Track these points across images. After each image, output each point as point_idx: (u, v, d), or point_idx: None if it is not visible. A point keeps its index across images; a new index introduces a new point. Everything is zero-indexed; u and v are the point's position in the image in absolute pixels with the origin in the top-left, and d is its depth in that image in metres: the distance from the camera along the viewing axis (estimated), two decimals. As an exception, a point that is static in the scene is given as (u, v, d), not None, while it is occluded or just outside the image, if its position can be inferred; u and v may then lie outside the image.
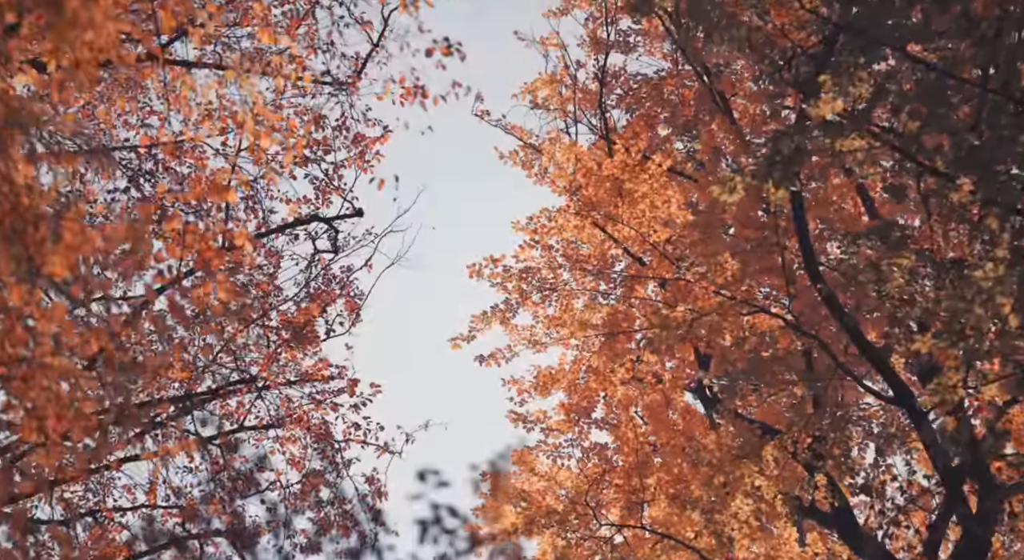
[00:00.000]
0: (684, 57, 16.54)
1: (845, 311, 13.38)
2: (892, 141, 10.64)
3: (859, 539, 14.96)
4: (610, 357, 17.15)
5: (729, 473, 14.67)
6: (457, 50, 9.58)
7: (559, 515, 16.46)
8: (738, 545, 15.47)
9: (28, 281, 6.31)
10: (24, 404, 6.27)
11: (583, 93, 19.50)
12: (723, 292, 14.83)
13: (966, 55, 9.57)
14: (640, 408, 18.12)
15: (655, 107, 18.07)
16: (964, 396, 10.35)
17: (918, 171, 10.68)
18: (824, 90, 9.75)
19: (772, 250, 14.65)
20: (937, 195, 10.77)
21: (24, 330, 6.30)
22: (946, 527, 13.73)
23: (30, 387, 6.23)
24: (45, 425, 6.23)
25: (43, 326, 6.33)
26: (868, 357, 13.47)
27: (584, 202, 15.30)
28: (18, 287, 6.25)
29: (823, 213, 14.94)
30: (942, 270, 10.93)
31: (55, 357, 6.27)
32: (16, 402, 6.33)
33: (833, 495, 14.93)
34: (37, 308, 6.35)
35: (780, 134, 10.40)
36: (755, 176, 10.66)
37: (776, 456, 14.62)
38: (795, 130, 10.39)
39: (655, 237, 15.35)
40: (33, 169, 6.51)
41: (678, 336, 14.65)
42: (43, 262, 6.27)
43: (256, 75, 8.32)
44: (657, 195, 15.28)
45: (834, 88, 9.76)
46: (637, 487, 16.69)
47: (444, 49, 9.57)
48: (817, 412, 14.26)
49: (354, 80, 16.44)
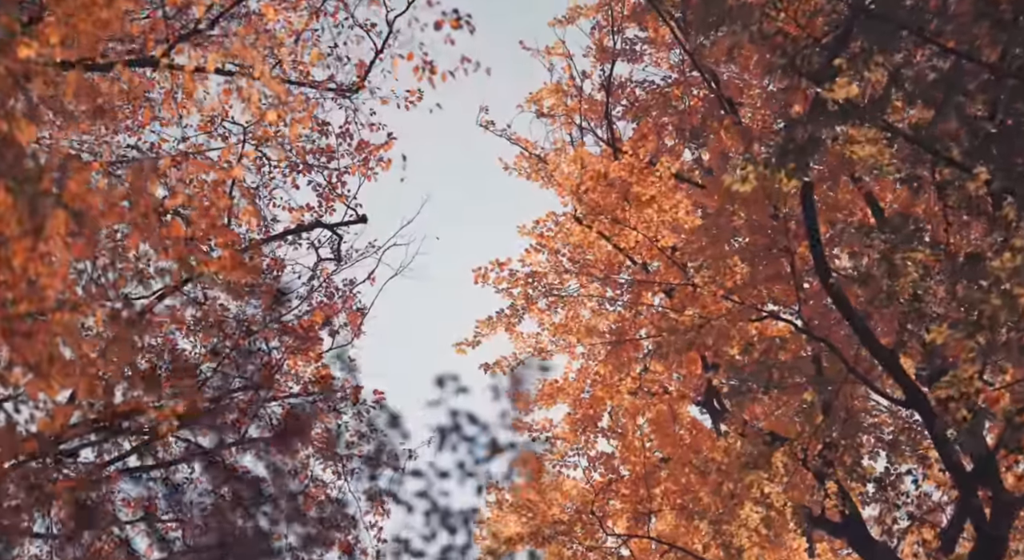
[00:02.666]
0: (692, 62, 16.45)
1: (856, 312, 13.21)
2: (906, 131, 10.53)
3: (870, 547, 14.73)
4: (616, 366, 16.96)
5: (738, 480, 14.45)
6: (467, 23, 9.45)
7: (565, 525, 16.22)
8: (747, 555, 15.22)
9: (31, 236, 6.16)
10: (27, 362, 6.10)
11: (588, 104, 19.40)
12: (731, 298, 14.68)
13: (984, 40, 9.44)
14: (646, 419, 17.90)
15: (662, 116, 17.96)
16: (980, 389, 10.16)
17: (933, 162, 10.53)
18: (839, 74, 9.62)
19: (781, 256, 14.52)
20: (952, 186, 10.63)
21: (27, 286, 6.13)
22: (960, 531, 13.51)
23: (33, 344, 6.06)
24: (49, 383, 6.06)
25: (47, 282, 6.17)
26: (879, 359, 13.29)
27: (591, 206, 15.15)
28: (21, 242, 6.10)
29: (833, 218, 14.78)
30: (956, 264, 10.77)
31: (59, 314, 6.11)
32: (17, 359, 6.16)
33: (843, 503, 14.71)
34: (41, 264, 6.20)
35: (793, 122, 10.27)
36: (767, 165, 10.53)
37: (786, 463, 14.40)
38: (808, 119, 10.26)
39: (663, 242, 15.19)
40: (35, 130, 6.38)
41: (686, 341, 14.48)
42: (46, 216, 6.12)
43: (263, 47, 8.20)
44: (665, 199, 15.14)
45: (849, 72, 9.64)
46: (644, 497, 16.45)
47: (453, 22, 9.44)
48: (827, 419, 14.05)
49: (359, 85, 16.33)
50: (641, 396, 17.34)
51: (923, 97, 9.89)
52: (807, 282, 15.18)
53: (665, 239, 15.39)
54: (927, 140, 10.28)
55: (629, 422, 17.26)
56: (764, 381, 13.49)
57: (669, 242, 15.52)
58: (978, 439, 10.59)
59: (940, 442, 12.86)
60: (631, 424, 17.27)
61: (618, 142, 18.29)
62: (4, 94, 6.42)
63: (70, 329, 6.17)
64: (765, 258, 14.63)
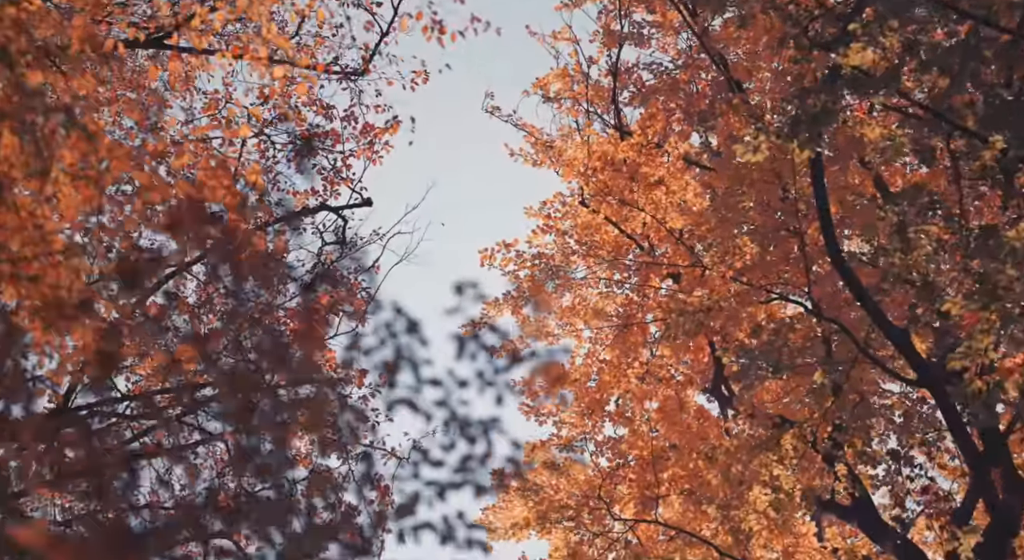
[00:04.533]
0: (700, 45, 16.33)
1: (867, 291, 13.08)
2: (921, 101, 10.42)
3: (880, 529, 14.59)
4: (623, 350, 16.83)
5: (746, 462, 14.30)
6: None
7: (572, 510, 16.09)
8: (756, 538, 15.08)
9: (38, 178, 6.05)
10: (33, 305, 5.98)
11: (595, 90, 19.27)
12: (740, 279, 14.56)
13: (1001, 4, 9.33)
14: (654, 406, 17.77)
15: (670, 101, 17.82)
16: (995, 360, 10.03)
17: (948, 131, 10.42)
18: (854, 40, 9.51)
19: (790, 237, 14.40)
20: (967, 157, 10.52)
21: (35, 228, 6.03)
22: (972, 511, 13.39)
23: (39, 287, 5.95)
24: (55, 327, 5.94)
25: (54, 226, 6.06)
26: (891, 338, 13.16)
27: (599, 188, 15.03)
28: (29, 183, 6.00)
29: (842, 197, 14.64)
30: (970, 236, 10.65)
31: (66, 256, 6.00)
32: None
33: (853, 486, 14.57)
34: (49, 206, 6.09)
35: (806, 91, 10.15)
36: (780, 135, 10.42)
37: (795, 445, 14.26)
38: (822, 88, 10.14)
39: (671, 224, 15.07)
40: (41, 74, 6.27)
41: (695, 322, 14.36)
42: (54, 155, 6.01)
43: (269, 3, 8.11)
44: (674, 179, 15.02)
45: (864, 38, 9.53)
46: (651, 482, 16.31)
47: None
48: (837, 400, 13.91)
49: (364, 67, 16.22)
50: (648, 381, 17.21)
51: (938, 64, 9.77)
52: (817, 264, 15.04)
53: (673, 221, 15.26)
54: (941, 110, 10.17)
55: (636, 406, 17.12)
56: (774, 361, 13.35)
57: (677, 224, 15.40)
58: (992, 412, 10.45)
59: (952, 421, 12.74)
60: (638, 409, 17.14)
61: (625, 128, 18.17)
62: (11, 39, 6.32)
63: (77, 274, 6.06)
64: (775, 239, 14.51)
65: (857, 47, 9.47)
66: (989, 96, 9.77)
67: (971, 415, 10.58)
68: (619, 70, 18.60)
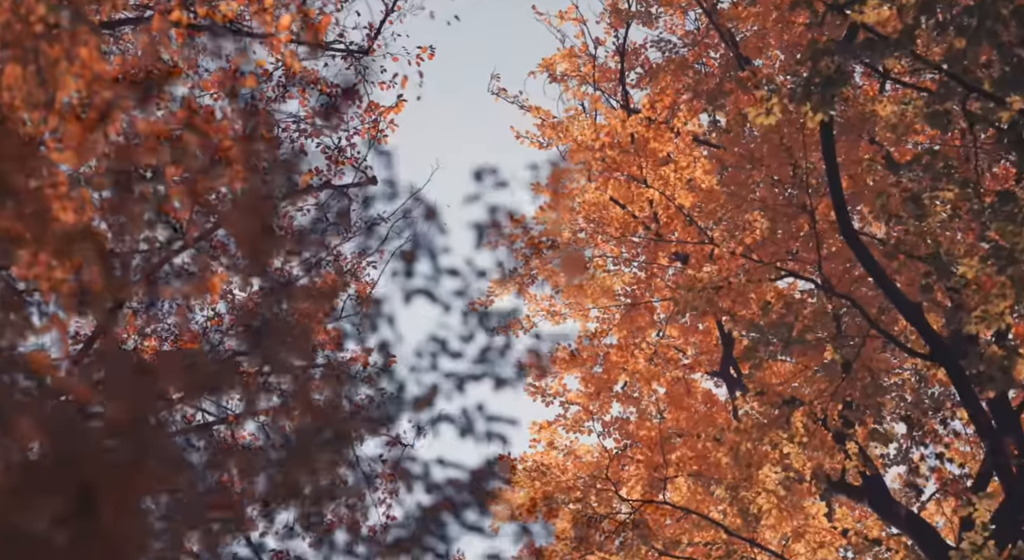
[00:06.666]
0: (709, 21, 16.19)
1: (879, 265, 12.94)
2: (935, 62, 10.25)
3: (890, 509, 14.44)
4: (631, 331, 16.67)
5: (756, 440, 14.13)
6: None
7: (580, 491, 15.92)
8: (765, 517, 14.91)
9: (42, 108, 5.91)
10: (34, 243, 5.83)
11: (602, 72, 19.14)
12: (750, 256, 14.41)
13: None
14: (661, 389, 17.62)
15: (678, 80, 17.67)
16: (1011, 324, 9.87)
17: (964, 94, 10.24)
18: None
19: (800, 213, 14.25)
20: (983, 120, 10.36)
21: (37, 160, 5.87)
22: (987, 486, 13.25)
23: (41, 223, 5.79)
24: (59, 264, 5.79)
25: (58, 158, 5.91)
26: (904, 312, 13.02)
27: (607, 164, 14.86)
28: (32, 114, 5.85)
29: (852, 172, 14.50)
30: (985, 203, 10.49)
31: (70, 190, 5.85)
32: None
33: (864, 464, 14.41)
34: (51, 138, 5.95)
35: (819, 53, 9.99)
36: (793, 97, 10.26)
37: (805, 423, 14.10)
38: (837, 48, 9.98)
39: (680, 200, 14.91)
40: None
41: (704, 299, 14.20)
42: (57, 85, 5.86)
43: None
44: (682, 156, 14.86)
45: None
46: (659, 463, 16.15)
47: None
48: (848, 377, 13.76)
49: (369, 44, 16.09)
50: (656, 362, 17.06)
51: (955, 24, 9.61)
52: (827, 242, 14.88)
53: (682, 198, 15.10)
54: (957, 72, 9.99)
55: (644, 388, 16.96)
56: (785, 335, 13.18)
57: (686, 202, 15.24)
58: (1008, 377, 10.29)
59: (966, 394, 12.59)
60: (646, 390, 16.98)
61: (633, 109, 18.02)
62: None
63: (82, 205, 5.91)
64: (785, 215, 14.36)
65: (874, 2, 9.32)
66: (1007, 56, 9.60)
67: (988, 379, 10.39)
68: (626, 50, 18.46)
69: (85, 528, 3.15)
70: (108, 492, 3.24)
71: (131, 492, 3.35)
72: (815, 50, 9.84)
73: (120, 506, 3.23)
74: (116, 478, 3.33)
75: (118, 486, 3.30)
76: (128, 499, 3.32)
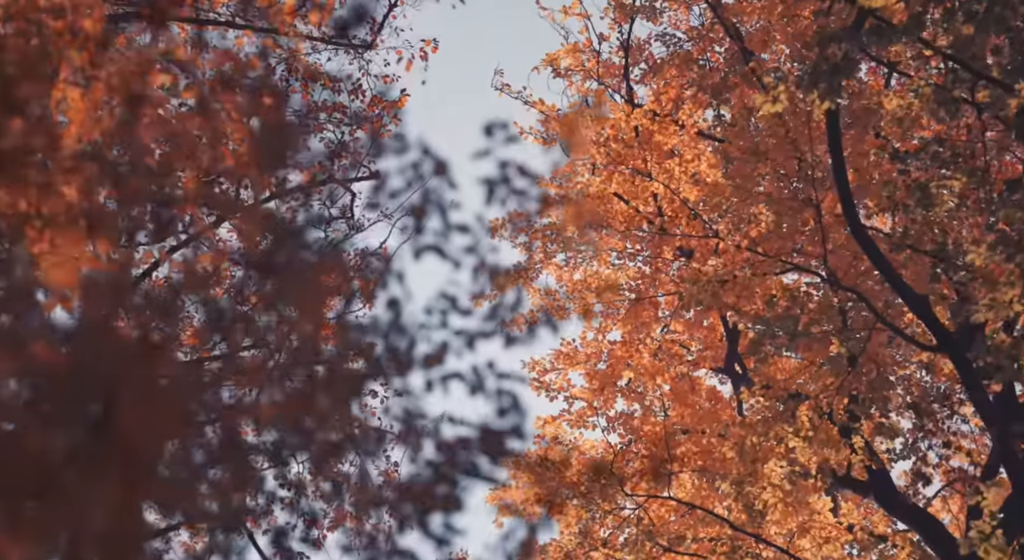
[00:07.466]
0: (714, 14, 16.14)
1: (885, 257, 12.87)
2: (944, 49, 10.19)
3: (895, 501, 14.38)
4: (636, 326, 16.62)
5: (761, 433, 14.07)
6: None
7: (584, 486, 15.84)
8: (770, 513, 14.85)
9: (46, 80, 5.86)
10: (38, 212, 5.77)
11: (606, 68, 19.10)
12: (755, 250, 14.35)
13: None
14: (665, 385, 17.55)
15: (682, 75, 17.62)
16: (1020, 312, 9.80)
17: (972, 81, 10.19)
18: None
19: (806, 206, 14.19)
20: (992, 108, 10.30)
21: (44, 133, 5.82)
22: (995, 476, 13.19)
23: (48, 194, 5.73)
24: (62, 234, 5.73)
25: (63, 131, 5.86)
26: (910, 304, 12.95)
27: (611, 158, 14.81)
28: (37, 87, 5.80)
29: (858, 165, 14.43)
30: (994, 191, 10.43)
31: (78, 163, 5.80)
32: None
33: (870, 458, 14.35)
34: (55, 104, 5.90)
35: (827, 39, 9.93)
36: (800, 84, 10.21)
37: (811, 417, 14.04)
38: (844, 35, 9.93)
39: (685, 194, 14.85)
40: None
41: (709, 292, 14.14)
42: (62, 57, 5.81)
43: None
44: (687, 149, 14.81)
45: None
46: (664, 458, 16.08)
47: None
48: (854, 371, 13.69)
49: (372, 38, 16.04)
50: (661, 357, 17.00)
51: (963, 10, 9.56)
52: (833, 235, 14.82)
53: (687, 191, 15.04)
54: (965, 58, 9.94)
55: (649, 383, 16.90)
56: (791, 328, 13.12)
57: (691, 195, 15.18)
58: (1016, 366, 10.22)
59: (973, 386, 12.53)
60: (650, 385, 16.92)
61: (637, 104, 17.96)
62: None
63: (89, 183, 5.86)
64: (790, 208, 14.30)
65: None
66: (1015, 42, 9.56)
67: (995, 369, 10.33)
68: (631, 45, 18.41)
69: (104, 437, 3.12)
70: (127, 402, 3.20)
71: (149, 403, 3.31)
72: (823, 36, 9.79)
73: (138, 416, 3.19)
74: (135, 388, 3.30)
75: (137, 396, 3.26)
76: (146, 409, 3.28)
